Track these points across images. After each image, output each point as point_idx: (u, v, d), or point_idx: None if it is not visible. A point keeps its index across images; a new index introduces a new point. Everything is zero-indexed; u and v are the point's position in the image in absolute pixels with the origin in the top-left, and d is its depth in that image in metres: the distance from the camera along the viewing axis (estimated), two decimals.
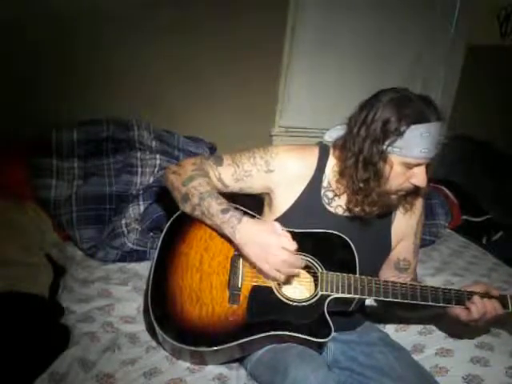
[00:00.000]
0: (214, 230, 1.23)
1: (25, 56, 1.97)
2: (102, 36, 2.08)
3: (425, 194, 1.32)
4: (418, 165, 1.15)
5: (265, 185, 1.29)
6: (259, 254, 1.14)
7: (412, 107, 1.10)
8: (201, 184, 1.22)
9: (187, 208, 1.24)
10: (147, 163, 1.96)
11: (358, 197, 1.21)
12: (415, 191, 1.23)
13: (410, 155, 1.12)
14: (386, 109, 1.12)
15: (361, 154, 1.16)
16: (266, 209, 1.36)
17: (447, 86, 2.91)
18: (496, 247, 2.30)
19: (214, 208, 1.18)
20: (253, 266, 1.18)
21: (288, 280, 1.22)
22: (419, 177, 1.16)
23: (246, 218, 1.17)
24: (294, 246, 1.14)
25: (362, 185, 1.19)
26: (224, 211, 1.18)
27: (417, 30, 2.74)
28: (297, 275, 1.22)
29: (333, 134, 1.29)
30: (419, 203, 1.34)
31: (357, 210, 1.23)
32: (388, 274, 1.35)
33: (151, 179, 1.95)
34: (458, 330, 1.36)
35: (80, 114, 2.02)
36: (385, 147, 1.13)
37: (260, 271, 1.18)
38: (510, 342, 1.36)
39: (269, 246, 1.13)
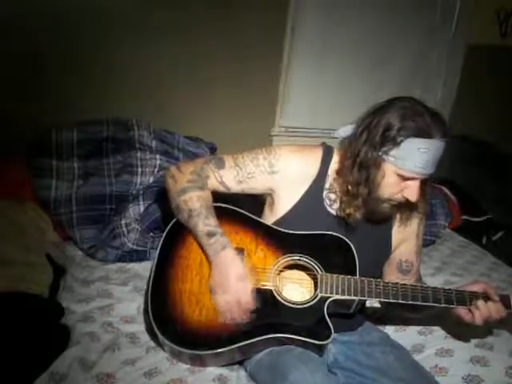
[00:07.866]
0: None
1: (25, 56, 1.97)
2: (102, 36, 2.08)
3: (427, 198, 1.31)
4: (413, 178, 1.13)
5: (268, 186, 1.28)
6: (220, 284, 1.15)
7: (417, 121, 1.08)
8: (191, 199, 1.22)
9: (179, 218, 1.25)
10: (147, 163, 1.96)
11: (345, 198, 1.20)
12: (408, 203, 1.19)
13: (404, 167, 1.11)
14: (391, 117, 1.11)
15: (358, 157, 1.16)
16: (266, 210, 1.35)
17: (447, 86, 2.89)
18: (496, 247, 2.30)
19: (200, 229, 1.19)
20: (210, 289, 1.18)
21: (285, 284, 1.23)
22: (411, 190, 1.14)
23: (229, 249, 1.17)
24: (249, 304, 1.15)
25: (350, 187, 1.18)
26: (210, 234, 1.18)
27: (417, 30, 2.73)
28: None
29: (342, 132, 1.26)
30: (421, 206, 1.31)
31: (344, 213, 1.21)
32: (391, 277, 1.35)
33: (151, 179, 1.95)
34: (460, 329, 1.36)
35: (80, 114, 2.02)
36: (380, 153, 1.12)
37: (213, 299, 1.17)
38: (510, 342, 1.37)
39: (234, 291, 1.14)
